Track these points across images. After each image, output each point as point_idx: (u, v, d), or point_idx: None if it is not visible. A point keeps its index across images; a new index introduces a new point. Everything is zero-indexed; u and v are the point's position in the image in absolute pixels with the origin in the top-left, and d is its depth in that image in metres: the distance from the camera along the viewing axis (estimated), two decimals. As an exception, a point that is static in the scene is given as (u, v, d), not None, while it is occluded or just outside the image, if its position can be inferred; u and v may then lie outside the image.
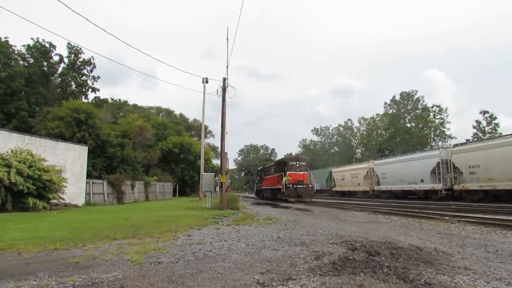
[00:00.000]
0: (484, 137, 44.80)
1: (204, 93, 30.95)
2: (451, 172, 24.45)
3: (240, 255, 5.49)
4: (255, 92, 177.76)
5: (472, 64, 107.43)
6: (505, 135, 23.43)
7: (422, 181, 26.95)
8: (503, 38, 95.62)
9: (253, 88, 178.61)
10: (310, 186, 27.49)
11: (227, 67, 19.30)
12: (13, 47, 36.36)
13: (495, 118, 53.82)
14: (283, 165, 28.92)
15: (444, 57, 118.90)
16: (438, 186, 25.19)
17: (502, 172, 20.01)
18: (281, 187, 26.94)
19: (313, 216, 14.32)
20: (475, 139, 42.80)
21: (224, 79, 18.58)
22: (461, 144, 25.48)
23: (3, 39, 35.03)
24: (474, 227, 9.67)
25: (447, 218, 11.94)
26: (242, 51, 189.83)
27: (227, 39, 19.05)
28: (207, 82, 30.10)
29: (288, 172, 27.09)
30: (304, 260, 5.06)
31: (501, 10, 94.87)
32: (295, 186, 26.53)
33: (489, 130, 53.52)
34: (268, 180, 34.73)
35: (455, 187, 23.89)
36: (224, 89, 18.37)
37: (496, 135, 44.07)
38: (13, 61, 35.65)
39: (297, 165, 27.74)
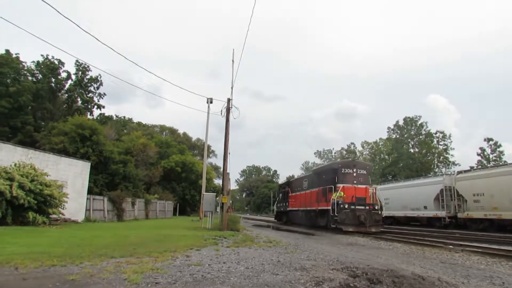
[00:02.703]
0: (489, 165, 44.56)
1: (208, 113, 31.17)
2: (455, 200, 24.19)
3: (239, 278, 5.39)
4: (259, 113, 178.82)
5: (475, 92, 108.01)
6: (510, 163, 23.28)
7: (425, 207, 26.64)
8: (503, 66, 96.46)
9: (257, 109, 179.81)
10: (375, 207, 18.75)
11: (231, 88, 19.49)
12: (23, 63, 37.05)
13: (500, 145, 53.75)
14: (331, 173, 20.20)
15: (447, 84, 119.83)
16: (442, 213, 24.86)
17: (507, 201, 19.75)
18: (329, 208, 18.58)
19: (314, 240, 14.15)
20: (480, 167, 42.59)
21: (229, 100, 18.73)
22: (465, 171, 25.30)
23: (14, 55, 35.71)
24: (479, 257, 9.49)
25: (451, 246, 11.76)
26: (246, 73, 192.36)
27: (233, 61, 19.28)
28: (211, 102, 30.32)
29: (340, 185, 18.75)
30: (304, 286, 4.96)
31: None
32: (353, 207, 18.01)
33: (494, 158, 53.32)
34: (300, 198, 25.92)
35: (459, 215, 23.57)
36: (228, 110, 18.49)
37: (500, 163, 43.85)
38: (22, 76, 36.21)
39: (355, 174, 19.39)
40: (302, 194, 25.51)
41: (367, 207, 18.46)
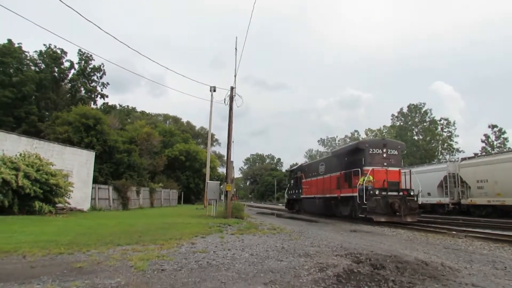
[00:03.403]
0: (493, 152, 44.36)
1: (211, 101, 31.07)
2: (458, 186, 24.18)
3: (244, 264, 5.45)
4: (262, 101, 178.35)
5: (479, 79, 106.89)
6: (514, 150, 23.17)
7: (429, 194, 26.64)
8: (509, 52, 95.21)
9: (260, 97, 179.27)
10: (411, 193, 16.23)
11: (235, 76, 19.37)
12: (26, 53, 37.02)
13: (504, 132, 53.40)
14: (356, 155, 17.89)
15: (451, 71, 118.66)
16: (445, 200, 24.90)
17: (511, 187, 19.75)
18: (355, 195, 16.51)
19: (318, 227, 14.24)
20: (484, 153, 42.41)
21: (232, 88, 18.66)
22: (469, 158, 25.23)
23: (16, 45, 35.64)
24: (481, 243, 9.54)
25: (454, 232, 11.81)
26: (250, 61, 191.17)
27: (236, 48, 19.13)
28: (214, 90, 30.19)
29: (368, 168, 16.52)
30: (308, 272, 5.01)
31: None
32: (384, 193, 15.80)
33: (498, 145, 53.03)
34: (316, 184, 23.43)
35: (463, 201, 23.60)
36: (231, 98, 18.44)
37: (505, 150, 43.63)
38: (25, 66, 36.20)
39: (385, 154, 17.16)
40: (318, 179, 23.01)
41: (401, 193, 16.17)
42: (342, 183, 18.89)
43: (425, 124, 64.68)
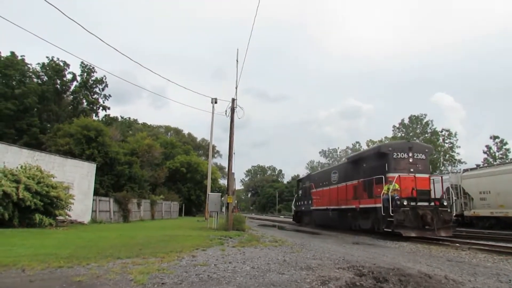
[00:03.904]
0: (495, 163, 44.20)
1: (213, 113, 31.22)
2: (461, 198, 24.04)
3: (245, 278, 5.39)
4: (264, 112, 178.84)
5: (481, 90, 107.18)
6: (516, 161, 23.11)
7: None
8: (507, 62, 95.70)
9: (262, 108, 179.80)
10: (444, 203, 14.56)
11: (236, 88, 19.48)
12: (28, 65, 37.29)
13: (506, 143, 53.28)
14: (378, 160, 16.13)
15: (451, 82, 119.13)
16: (448, 211, 24.71)
17: (514, 198, 19.64)
18: (378, 206, 14.79)
19: (320, 240, 14.13)
20: (486, 165, 42.26)
21: (233, 100, 18.74)
22: (471, 169, 25.13)
23: (19, 58, 35.96)
24: (485, 255, 9.44)
25: (457, 244, 11.71)
26: (251, 73, 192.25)
27: (237, 60, 19.29)
28: (216, 102, 30.35)
29: (393, 175, 14.71)
30: (310, 285, 4.95)
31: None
32: (413, 203, 13.99)
33: (500, 156, 52.87)
34: (328, 194, 21.40)
35: (466, 213, 23.43)
36: (232, 110, 18.50)
37: (507, 161, 43.47)
38: (27, 78, 36.45)
39: (411, 159, 15.41)
40: (332, 189, 20.99)
41: (432, 203, 14.28)
42: (361, 192, 17.12)
43: (426, 135, 64.63)
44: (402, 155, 15.53)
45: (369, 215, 16.46)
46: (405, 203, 13.85)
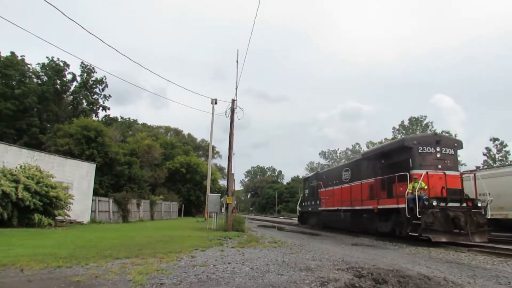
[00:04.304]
0: (495, 165, 44.21)
1: (212, 113, 31.19)
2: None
3: (244, 278, 5.38)
4: (264, 113, 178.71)
5: (481, 92, 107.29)
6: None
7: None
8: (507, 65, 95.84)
9: (262, 109, 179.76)
10: (478, 204, 13.06)
11: (236, 88, 19.48)
12: (28, 65, 37.28)
13: (506, 145, 53.31)
14: (400, 155, 14.70)
15: (451, 84, 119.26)
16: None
17: (514, 201, 19.61)
18: (401, 207, 13.35)
19: (319, 241, 14.13)
20: (486, 167, 42.26)
21: (233, 101, 18.75)
22: (471, 171, 25.11)
23: (19, 58, 35.95)
24: (485, 257, 9.44)
25: (456, 247, 11.69)
26: (251, 73, 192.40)
27: (237, 61, 19.30)
28: (216, 103, 30.32)
29: (419, 172, 13.22)
30: (309, 286, 4.94)
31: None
32: (443, 204, 12.51)
33: (500, 158, 52.89)
34: (339, 194, 19.85)
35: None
36: (232, 111, 18.51)
37: (507, 163, 43.47)
38: (27, 78, 36.43)
39: (439, 154, 13.89)
40: (343, 188, 19.46)
41: (464, 204, 12.77)
42: (378, 192, 15.69)
43: (426, 137, 64.58)
44: (429, 149, 13.91)
45: (388, 217, 14.86)
46: (434, 203, 12.31)
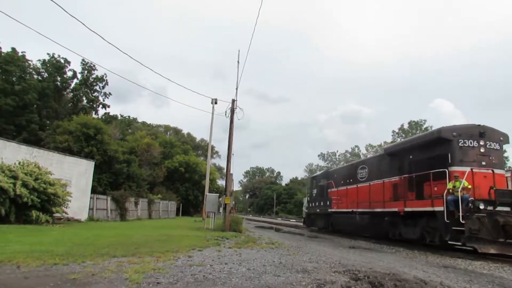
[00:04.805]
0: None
1: (212, 113, 31.14)
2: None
3: (240, 279, 5.38)
4: (264, 114, 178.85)
5: (481, 97, 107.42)
6: (514, 169, 23.04)
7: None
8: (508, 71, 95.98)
9: (262, 110, 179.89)
10: None
11: (236, 89, 19.47)
12: (29, 62, 37.26)
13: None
14: (435, 148, 12.82)
15: (452, 89, 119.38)
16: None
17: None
18: (437, 209, 11.55)
19: (316, 243, 14.12)
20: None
21: (233, 101, 18.75)
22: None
23: (20, 54, 35.93)
24: (481, 262, 9.44)
25: (453, 251, 11.70)
26: (252, 74, 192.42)
27: (238, 61, 19.30)
28: (216, 103, 30.27)
29: (458, 169, 11.53)
30: (306, 288, 4.94)
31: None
32: (490, 208, 10.97)
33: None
34: (356, 193, 17.79)
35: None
36: (232, 111, 18.50)
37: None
38: (28, 75, 36.41)
39: (482, 149, 12.03)
40: (360, 188, 17.59)
41: None
42: (404, 192, 13.86)
43: (425, 141, 64.61)
44: (471, 143, 12.00)
45: (417, 222, 13.06)
46: (481, 206, 10.58)
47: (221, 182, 61.82)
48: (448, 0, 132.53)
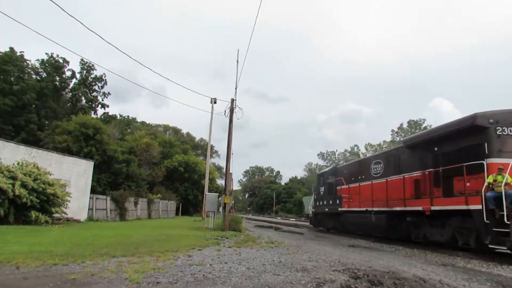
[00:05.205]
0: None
1: (212, 113, 31.14)
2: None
3: (240, 278, 5.39)
4: (263, 114, 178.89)
5: (479, 96, 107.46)
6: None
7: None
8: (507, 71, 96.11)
9: (261, 110, 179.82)
10: None
11: (235, 88, 19.47)
12: (27, 61, 37.16)
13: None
14: (467, 137, 11.30)
15: (451, 88, 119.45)
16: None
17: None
18: (477, 208, 9.98)
19: (316, 242, 14.13)
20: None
21: (232, 100, 18.74)
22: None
23: (18, 53, 35.84)
24: (480, 261, 9.46)
25: (452, 250, 11.71)
26: (251, 74, 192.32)
27: (237, 61, 19.29)
28: (215, 102, 30.28)
29: (499, 161, 10.13)
30: (305, 287, 4.95)
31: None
32: None
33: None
34: (371, 191, 16.23)
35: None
36: (231, 110, 18.50)
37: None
38: (26, 74, 36.33)
39: None
40: (375, 185, 16.11)
41: None
42: (429, 188, 12.51)
43: (424, 139, 64.71)
44: (511, 131, 10.51)
45: (445, 222, 11.68)
46: None
47: (220, 182, 61.85)
48: (448, 0, 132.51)
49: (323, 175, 24.45)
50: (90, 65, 40.80)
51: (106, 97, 43.98)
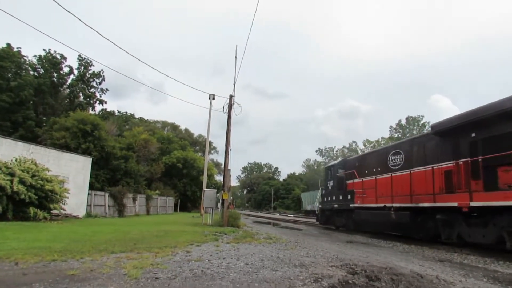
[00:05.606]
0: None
1: (210, 109, 31.05)
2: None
3: (239, 274, 5.41)
4: (261, 110, 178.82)
5: (477, 93, 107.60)
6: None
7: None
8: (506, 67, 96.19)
9: (260, 106, 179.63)
10: None
11: (234, 84, 19.42)
12: (25, 58, 37.00)
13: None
14: None
15: (449, 85, 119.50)
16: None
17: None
18: None
19: (314, 238, 14.17)
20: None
21: (231, 96, 18.70)
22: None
23: (15, 49, 35.67)
24: (477, 257, 9.51)
25: (450, 246, 11.77)
26: (250, 70, 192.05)
27: (236, 57, 19.22)
28: (213, 98, 30.19)
29: None
30: (303, 282, 4.97)
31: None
32: None
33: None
34: (391, 185, 14.58)
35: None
36: (230, 107, 18.47)
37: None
38: (23, 71, 36.18)
39: None
40: (394, 177, 14.45)
41: None
42: (465, 181, 10.78)
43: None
44: None
45: (488, 221, 10.01)
46: None
47: (219, 178, 61.84)
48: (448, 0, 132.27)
49: (331, 168, 21.98)
50: (88, 61, 40.82)
51: (104, 93, 43.98)
